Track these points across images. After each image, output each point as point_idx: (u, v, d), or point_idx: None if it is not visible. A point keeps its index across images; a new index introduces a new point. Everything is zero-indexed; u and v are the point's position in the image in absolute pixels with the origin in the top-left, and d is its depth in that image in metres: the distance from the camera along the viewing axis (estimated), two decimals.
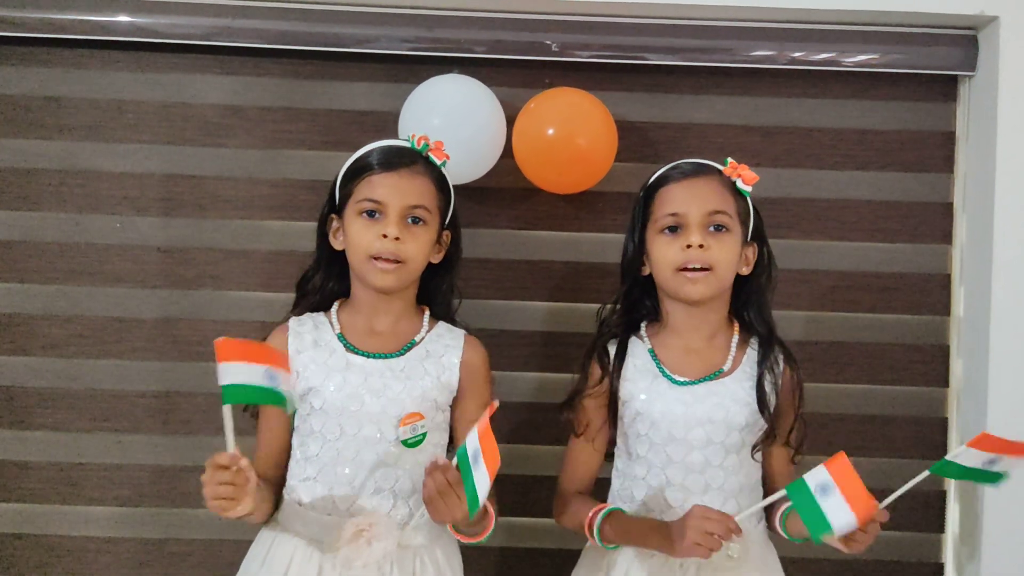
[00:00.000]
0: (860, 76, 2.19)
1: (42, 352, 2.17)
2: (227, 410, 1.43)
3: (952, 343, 2.22)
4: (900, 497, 2.17)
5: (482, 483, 1.44)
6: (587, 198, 2.16)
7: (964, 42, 2.16)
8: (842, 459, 1.51)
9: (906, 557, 2.21)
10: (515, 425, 2.15)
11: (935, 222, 2.22)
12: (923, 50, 2.17)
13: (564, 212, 2.19)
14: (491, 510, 1.61)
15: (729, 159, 1.76)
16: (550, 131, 2.02)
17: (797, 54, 2.16)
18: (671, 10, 2.12)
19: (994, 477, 1.62)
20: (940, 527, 2.21)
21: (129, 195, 2.17)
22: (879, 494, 2.17)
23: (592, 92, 2.10)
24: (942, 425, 2.21)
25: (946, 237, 2.22)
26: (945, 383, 2.22)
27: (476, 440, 1.47)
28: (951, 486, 2.20)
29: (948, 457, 1.59)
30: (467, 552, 1.78)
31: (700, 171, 1.74)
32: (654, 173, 1.80)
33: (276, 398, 1.47)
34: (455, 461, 1.51)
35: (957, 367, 2.20)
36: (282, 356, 1.50)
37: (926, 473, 1.57)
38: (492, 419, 1.67)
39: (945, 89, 2.21)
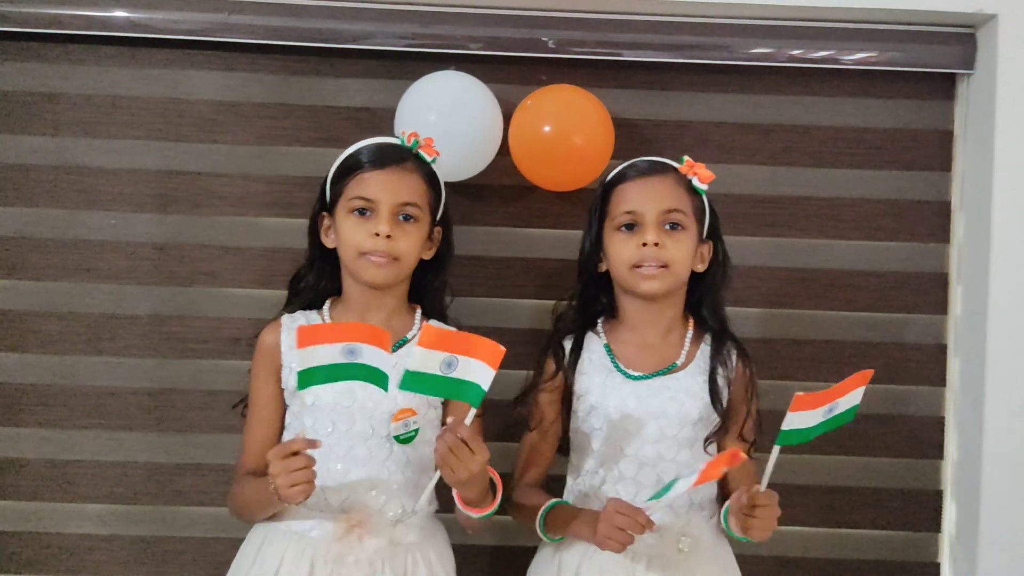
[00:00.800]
0: (858, 74, 2.19)
1: (36, 349, 2.16)
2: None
3: (949, 342, 2.21)
4: (896, 497, 2.19)
5: (480, 373, 1.48)
6: (583, 195, 2.14)
7: (962, 40, 2.15)
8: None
9: (903, 557, 2.20)
10: (508, 423, 2.14)
11: (933, 221, 2.21)
12: (921, 48, 2.16)
13: (560, 209, 2.18)
14: (497, 480, 1.61)
15: (686, 157, 1.77)
16: (546, 128, 2.02)
17: (795, 52, 2.15)
18: (669, 7, 2.11)
19: (844, 417, 1.59)
20: (937, 527, 2.20)
21: (124, 191, 2.17)
22: (875, 493, 2.19)
23: (589, 89, 2.09)
24: (939, 424, 2.21)
25: (944, 236, 2.22)
26: (942, 382, 2.21)
27: (435, 354, 1.48)
28: (947, 486, 2.19)
29: (784, 428, 1.53)
30: (459, 550, 1.78)
31: (656, 169, 1.76)
32: (613, 170, 1.81)
33: (366, 373, 1.49)
34: (469, 418, 1.51)
35: (954, 366, 2.19)
36: (371, 332, 1.48)
37: (777, 450, 1.54)
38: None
39: (943, 87, 2.21)
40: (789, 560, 2.19)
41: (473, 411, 1.51)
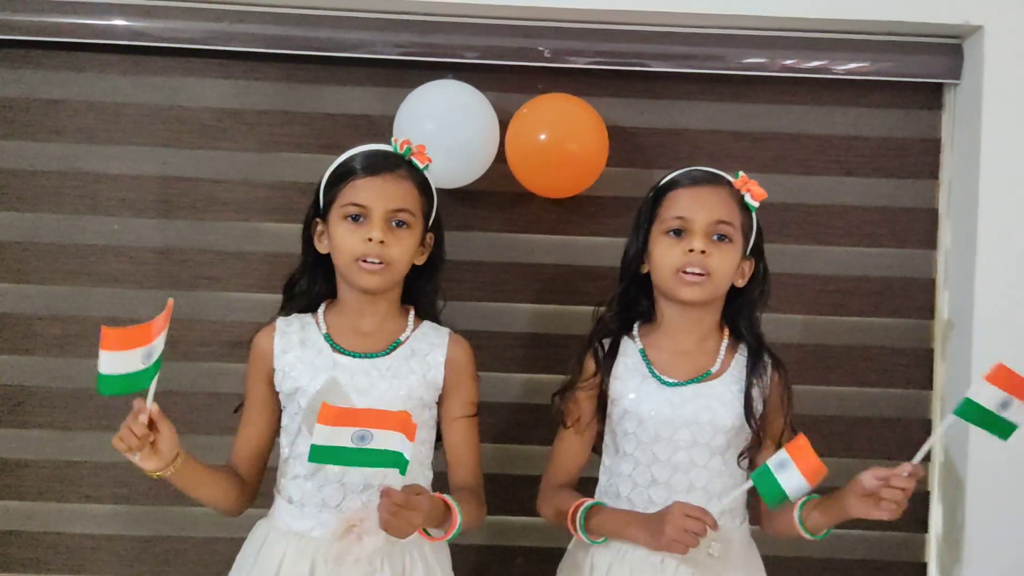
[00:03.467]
0: (848, 83, 2.23)
1: (40, 352, 2.19)
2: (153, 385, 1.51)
3: (936, 346, 2.25)
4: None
5: (398, 442, 1.49)
6: (578, 202, 2.19)
7: (949, 51, 2.19)
8: (799, 439, 1.57)
9: (890, 557, 2.24)
10: (504, 425, 2.18)
11: (920, 227, 2.25)
12: (910, 58, 2.20)
13: (556, 216, 2.21)
14: (455, 509, 1.63)
15: (741, 172, 1.78)
16: (542, 136, 2.05)
17: (788, 61, 2.19)
18: (663, 17, 2.14)
19: (1005, 428, 1.60)
20: (923, 527, 2.24)
21: (126, 197, 2.20)
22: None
23: (584, 98, 2.13)
24: (926, 427, 2.24)
25: (931, 242, 2.26)
26: (929, 386, 2.25)
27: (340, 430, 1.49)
28: (934, 487, 2.24)
29: (968, 395, 1.58)
30: (455, 550, 1.80)
31: (711, 180, 1.77)
32: (666, 175, 1.82)
33: (148, 372, 1.51)
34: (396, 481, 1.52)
35: (941, 370, 2.23)
36: (154, 326, 1.49)
37: (951, 418, 1.61)
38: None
39: (931, 97, 2.25)
40: (780, 560, 2.21)
41: (399, 476, 1.51)
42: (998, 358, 2.07)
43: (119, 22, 2.14)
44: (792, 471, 1.55)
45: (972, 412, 1.60)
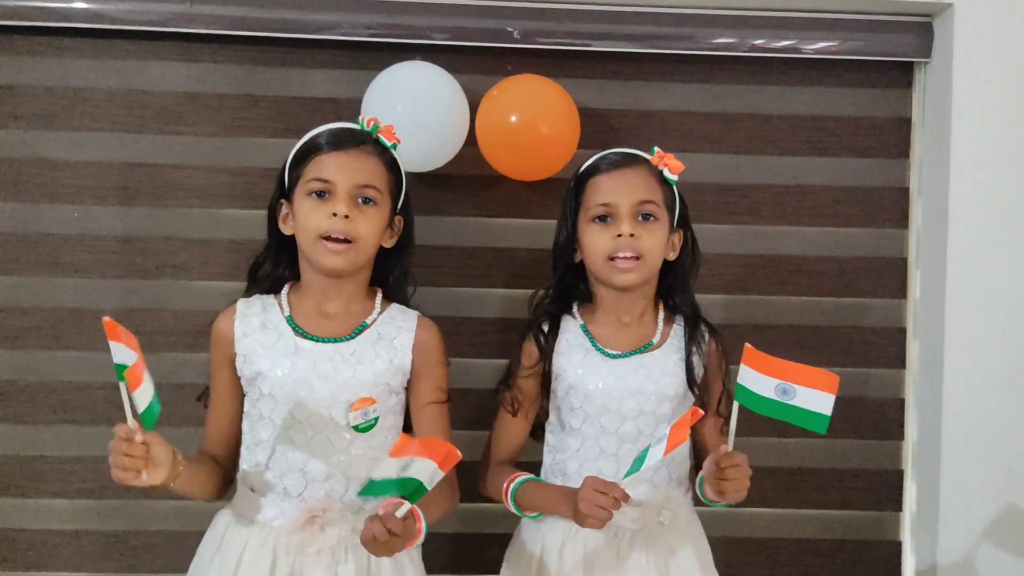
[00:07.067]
0: (818, 63, 2.22)
1: (0, 344, 2.14)
2: (123, 386, 1.46)
3: (909, 325, 2.25)
4: (859, 477, 2.24)
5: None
6: (550, 185, 2.16)
7: (919, 29, 2.19)
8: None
9: (866, 536, 2.25)
10: (477, 412, 2.16)
11: (891, 207, 2.26)
12: (880, 37, 2.20)
13: (527, 199, 2.19)
14: (420, 517, 1.56)
15: (656, 148, 1.79)
16: (513, 118, 2.02)
17: (758, 41, 2.18)
18: None
19: (811, 418, 1.53)
20: (898, 506, 2.25)
21: (86, 184, 2.14)
22: (838, 474, 2.24)
23: (554, 79, 2.10)
24: (900, 406, 2.25)
25: (902, 221, 2.26)
26: (902, 364, 2.26)
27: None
28: (908, 465, 2.24)
29: (739, 382, 1.56)
30: (427, 538, 1.73)
31: (628, 161, 1.79)
32: (584, 162, 1.83)
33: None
34: (402, 511, 1.48)
35: (914, 349, 2.24)
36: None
37: (736, 407, 1.57)
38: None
39: (901, 76, 2.25)
40: (755, 540, 2.23)
41: (407, 505, 1.46)
42: (969, 335, 2.11)
43: (78, 4, 2.08)
44: (660, 446, 1.51)
45: (751, 399, 1.56)
